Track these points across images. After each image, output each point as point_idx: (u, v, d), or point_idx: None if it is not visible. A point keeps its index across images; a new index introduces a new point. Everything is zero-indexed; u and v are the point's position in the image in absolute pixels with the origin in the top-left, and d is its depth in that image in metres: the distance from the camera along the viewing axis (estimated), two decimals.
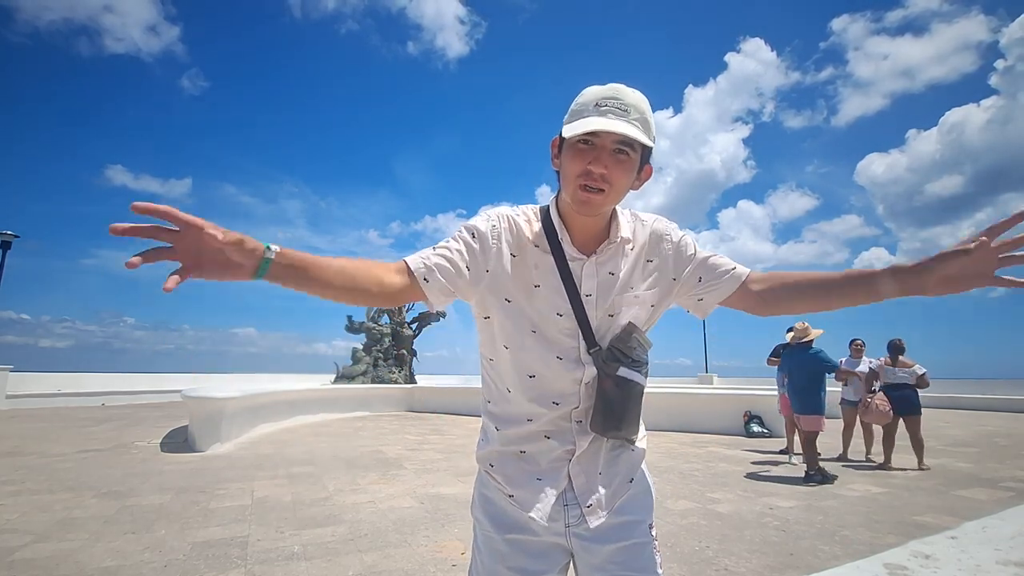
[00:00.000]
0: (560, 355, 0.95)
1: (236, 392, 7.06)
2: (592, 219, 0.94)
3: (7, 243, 12.27)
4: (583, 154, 0.85)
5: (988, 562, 0.82)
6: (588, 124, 0.82)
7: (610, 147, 0.84)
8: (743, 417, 8.84)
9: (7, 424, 9.09)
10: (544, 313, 0.94)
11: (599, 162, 0.84)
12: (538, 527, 0.95)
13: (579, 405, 0.96)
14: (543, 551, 0.97)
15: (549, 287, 0.94)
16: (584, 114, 0.85)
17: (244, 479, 4.94)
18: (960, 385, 19.40)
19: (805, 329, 5.58)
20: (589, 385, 0.95)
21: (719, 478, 5.21)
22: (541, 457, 0.97)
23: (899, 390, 5.97)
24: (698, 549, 3.11)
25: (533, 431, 0.97)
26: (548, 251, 0.95)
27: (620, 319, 0.96)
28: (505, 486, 0.98)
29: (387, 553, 3.02)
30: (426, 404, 13.48)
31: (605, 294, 0.95)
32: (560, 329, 0.94)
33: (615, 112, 0.83)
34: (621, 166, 0.86)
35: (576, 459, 0.96)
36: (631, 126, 0.83)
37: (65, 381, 14.37)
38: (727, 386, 19.07)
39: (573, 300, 0.94)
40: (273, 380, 19.70)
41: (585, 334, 0.94)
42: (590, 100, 0.86)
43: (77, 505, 3.94)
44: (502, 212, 0.99)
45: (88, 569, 2.72)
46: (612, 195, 0.88)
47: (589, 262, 0.95)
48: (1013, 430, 9.78)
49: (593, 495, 0.96)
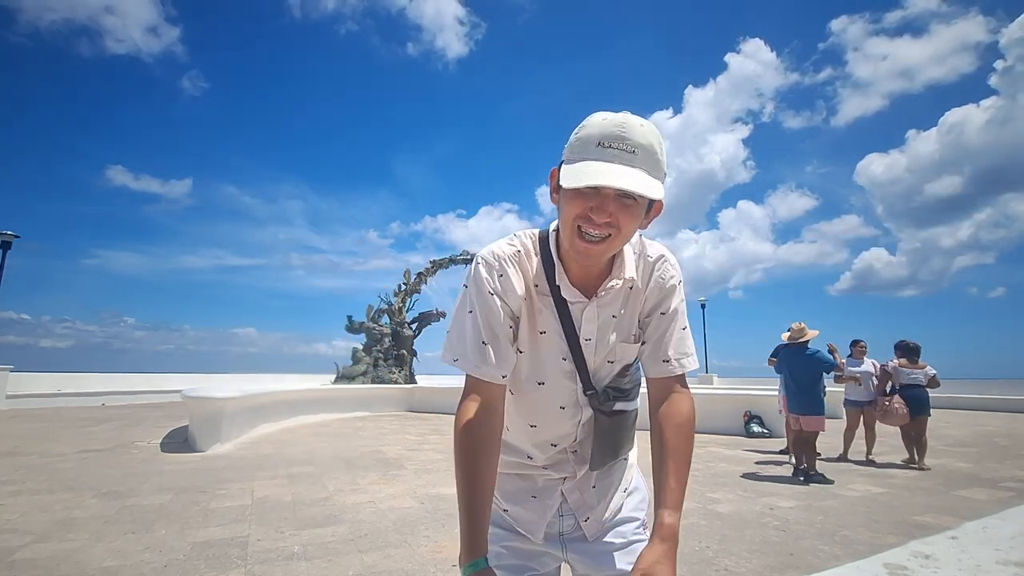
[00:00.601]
0: (563, 405, 0.94)
1: (236, 392, 7.05)
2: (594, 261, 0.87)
3: (7, 243, 12.28)
4: (585, 198, 0.76)
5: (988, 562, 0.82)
6: (589, 176, 0.72)
7: (614, 194, 0.75)
8: (743, 417, 8.84)
9: (7, 424, 9.09)
10: (550, 359, 0.91)
11: (602, 211, 0.75)
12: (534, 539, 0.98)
13: (576, 441, 0.97)
14: (538, 555, 0.99)
15: (552, 332, 0.90)
16: (587, 155, 0.74)
17: (244, 479, 4.94)
18: (960, 385, 19.41)
19: (801, 329, 5.59)
20: (586, 424, 0.95)
21: (719, 478, 5.21)
22: (538, 479, 0.99)
23: (911, 390, 6.02)
24: (698, 549, 3.11)
25: (531, 464, 0.99)
26: (548, 292, 0.90)
27: (618, 364, 0.94)
28: (501, 500, 0.99)
29: (387, 553, 3.02)
30: (426, 404, 13.48)
31: (605, 338, 0.91)
32: (563, 373, 0.92)
33: (621, 158, 0.73)
34: (627, 211, 0.76)
35: (570, 478, 0.98)
36: (638, 174, 0.72)
37: (65, 381, 14.37)
38: (727, 386, 19.07)
39: (572, 345, 0.90)
40: (273, 380, 19.70)
41: (582, 378, 0.92)
42: (593, 137, 0.75)
43: (77, 505, 3.94)
44: (501, 254, 0.89)
45: (88, 569, 2.72)
46: (617, 241, 0.79)
47: (591, 305, 0.88)
48: (1013, 430, 9.79)
49: (588, 509, 0.98)
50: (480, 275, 0.87)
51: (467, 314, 0.89)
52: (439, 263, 17.49)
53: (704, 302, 27.34)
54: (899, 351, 6.33)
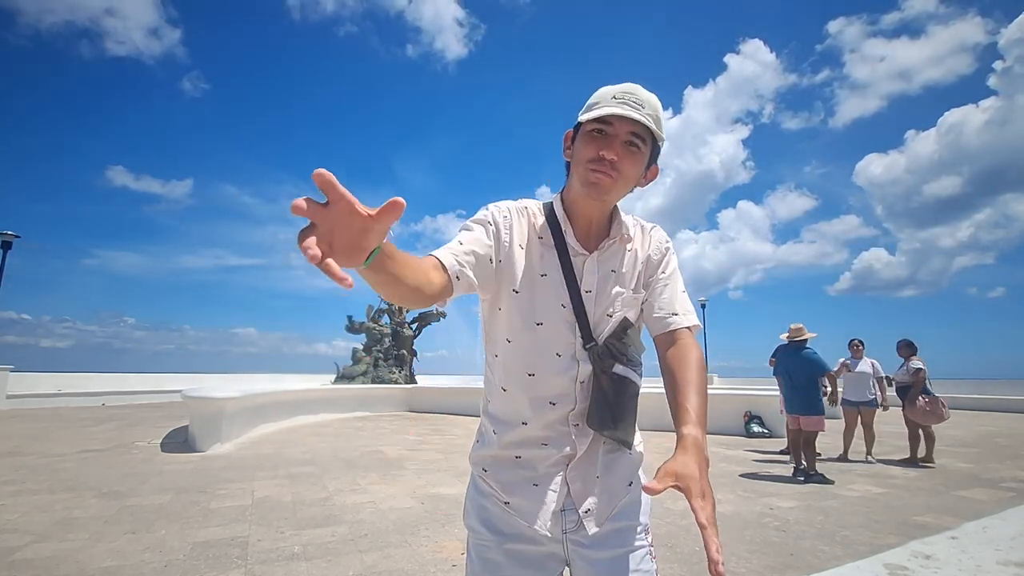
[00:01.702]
0: (559, 352, 0.95)
1: (236, 392, 7.05)
2: (596, 211, 0.96)
3: (8, 243, 12.27)
4: (596, 141, 0.89)
5: (989, 562, 0.82)
6: (606, 110, 0.86)
7: (623, 137, 0.87)
8: (743, 417, 8.84)
9: (8, 424, 9.09)
10: (548, 303, 0.95)
11: (611, 149, 0.87)
12: (537, 535, 0.94)
13: (575, 407, 0.96)
14: (540, 561, 0.96)
15: (553, 276, 0.96)
16: (602, 104, 0.88)
17: (244, 479, 4.94)
18: (960, 385, 19.39)
19: (799, 330, 5.62)
20: (585, 384, 0.95)
21: (719, 478, 5.20)
22: (538, 463, 0.96)
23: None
24: (698, 550, 3.11)
25: (529, 436, 0.96)
26: (552, 245, 0.97)
27: (616, 319, 0.97)
28: (500, 493, 0.97)
29: (387, 553, 3.02)
30: (426, 404, 13.49)
31: (604, 291, 0.97)
32: (562, 319, 0.95)
33: (631, 105, 0.87)
34: (632, 156, 0.89)
35: (574, 464, 0.95)
36: (645, 118, 0.86)
37: (66, 381, 14.38)
38: (727, 386, 19.06)
39: (573, 295, 0.95)
40: (273, 380, 19.69)
41: (582, 329, 0.95)
42: (607, 93, 0.89)
43: (77, 505, 3.94)
44: (508, 204, 1.00)
45: (88, 569, 2.72)
46: (621, 183, 0.90)
47: (591, 258, 0.96)
48: (1013, 430, 9.79)
49: (591, 500, 0.95)
50: (481, 210, 0.99)
51: (471, 230, 0.95)
52: None
53: (704, 302, 27.29)
54: (909, 348, 6.49)
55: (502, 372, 0.99)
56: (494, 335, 1.00)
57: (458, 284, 0.86)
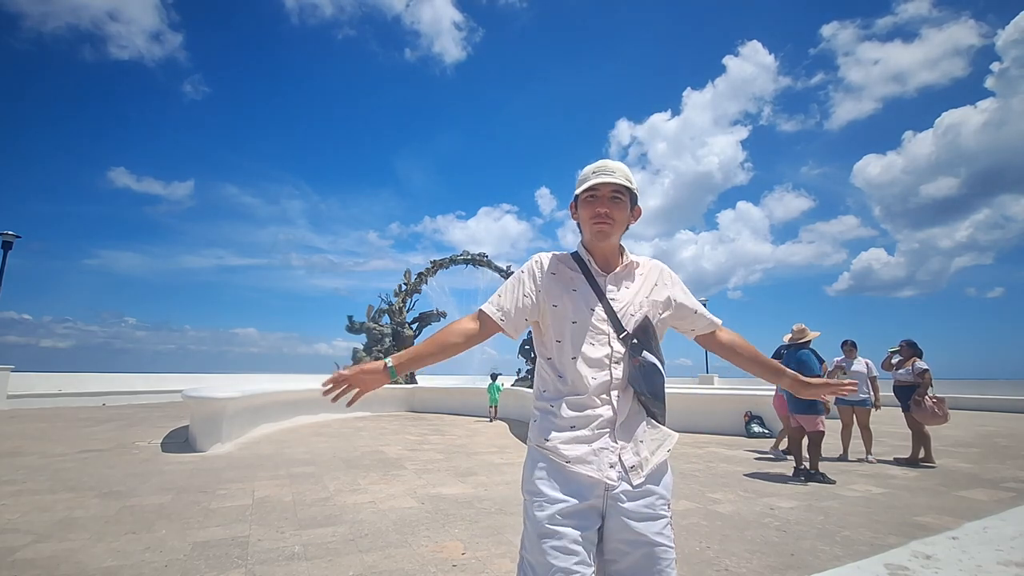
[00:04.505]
0: (596, 340, 1.25)
1: (236, 392, 7.05)
2: (606, 249, 1.33)
3: (9, 243, 12.28)
4: (592, 203, 1.29)
5: (989, 563, 0.82)
6: (592, 181, 1.27)
7: (608, 195, 1.28)
8: (744, 417, 8.83)
9: (8, 424, 9.10)
10: (581, 308, 1.28)
11: (603, 205, 1.27)
12: (585, 491, 1.17)
13: (614, 380, 1.23)
14: (584, 513, 1.17)
15: (582, 290, 1.30)
16: (588, 179, 1.28)
17: (245, 479, 4.94)
18: (960, 385, 19.35)
19: (802, 331, 5.63)
20: (620, 364, 1.24)
21: (720, 478, 5.21)
22: (590, 426, 1.21)
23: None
24: (699, 550, 3.11)
25: (580, 405, 1.22)
26: (579, 270, 1.33)
27: (639, 315, 1.29)
28: (561, 454, 1.19)
29: (388, 553, 3.02)
30: (426, 404, 13.49)
31: (624, 297, 1.31)
32: (596, 317, 1.27)
33: (607, 173, 1.27)
34: (618, 206, 1.29)
35: (619, 426, 1.21)
36: (619, 179, 1.26)
37: (66, 381, 14.37)
38: (728, 386, 19.04)
39: (601, 299, 1.29)
40: (273, 380, 19.66)
41: (613, 321, 1.26)
42: (589, 171, 1.30)
43: (78, 505, 3.94)
44: (544, 254, 1.38)
45: (89, 569, 2.72)
46: (616, 226, 1.29)
47: (609, 277, 1.32)
48: (1013, 430, 9.78)
49: (635, 455, 1.20)
50: (526, 263, 1.40)
51: (507, 282, 1.38)
52: (440, 263, 17.50)
53: (704, 302, 27.16)
54: (912, 349, 6.50)
55: (557, 363, 1.28)
56: (546, 341, 1.33)
57: (505, 323, 1.32)
